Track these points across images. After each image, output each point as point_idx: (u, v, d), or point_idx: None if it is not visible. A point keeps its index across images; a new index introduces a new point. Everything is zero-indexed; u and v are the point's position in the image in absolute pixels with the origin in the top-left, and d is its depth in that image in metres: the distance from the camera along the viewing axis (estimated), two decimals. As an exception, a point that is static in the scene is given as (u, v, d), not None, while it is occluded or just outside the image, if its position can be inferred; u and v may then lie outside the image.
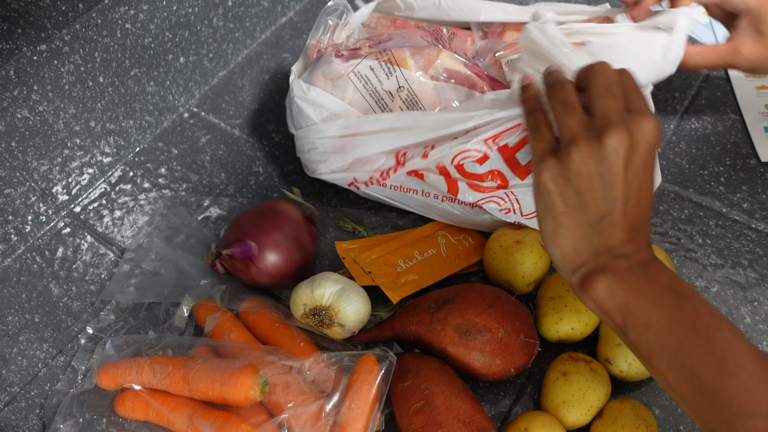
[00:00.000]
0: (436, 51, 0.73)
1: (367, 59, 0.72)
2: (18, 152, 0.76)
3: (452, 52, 0.74)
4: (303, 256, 0.71)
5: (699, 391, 0.44)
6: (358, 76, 0.71)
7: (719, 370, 0.44)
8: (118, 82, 0.84)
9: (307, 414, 0.61)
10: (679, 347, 0.45)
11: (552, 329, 0.67)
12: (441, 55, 0.72)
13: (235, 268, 0.71)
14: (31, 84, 0.74)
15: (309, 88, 0.72)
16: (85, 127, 0.82)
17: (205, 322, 0.71)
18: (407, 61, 0.71)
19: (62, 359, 0.72)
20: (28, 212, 0.80)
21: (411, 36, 0.78)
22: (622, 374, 0.65)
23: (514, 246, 0.70)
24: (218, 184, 0.86)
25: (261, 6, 0.99)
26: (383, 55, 0.72)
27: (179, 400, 0.64)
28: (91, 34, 0.78)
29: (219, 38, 0.95)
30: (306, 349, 0.67)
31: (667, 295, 0.47)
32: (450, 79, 0.72)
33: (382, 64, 0.71)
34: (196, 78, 0.95)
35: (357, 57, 0.73)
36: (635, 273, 0.49)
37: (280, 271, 0.70)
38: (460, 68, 0.72)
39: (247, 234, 0.70)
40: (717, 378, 0.44)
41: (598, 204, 0.50)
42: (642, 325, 0.47)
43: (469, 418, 0.59)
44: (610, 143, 0.49)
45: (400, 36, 0.78)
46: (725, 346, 0.44)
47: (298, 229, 0.70)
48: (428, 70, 0.72)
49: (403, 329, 0.67)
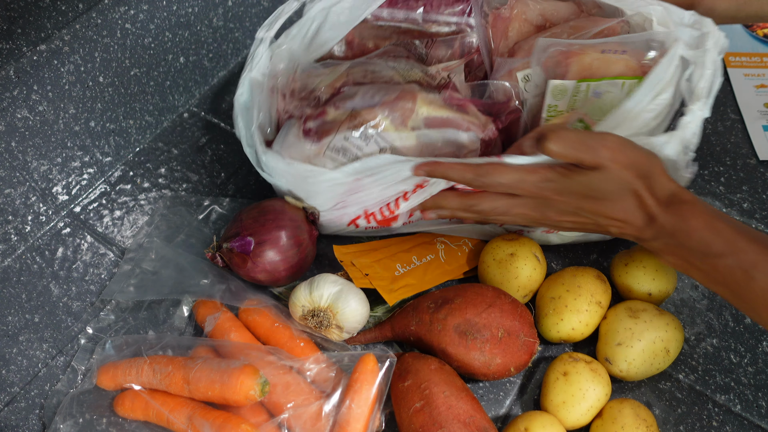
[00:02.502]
0: (411, 101, 0.67)
1: (340, 131, 0.67)
2: (18, 152, 0.76)
3: (428, 93, 0.69)
4: (301, 257, 0.71)
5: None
6: (335, 150, 0.68)
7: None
8: (118, 82, 0.84)
9: (307, 414, 0.61)
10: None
11: (553, 330, 0.67)
12: (418, 104, 0.68)
13: (233, 262, 0.71)
14: (31, 84, 0.74)
15: (290, 163, 0.68)
16: (85, 127, 0.82)
17: (204, 322, 0.71)
18: (382, 122, 0.67)
19: (62, 359, 0.72)
20: (28, 212, 0.80)
21: (377, 79, 0.71)
22: (621, 374, 0.65)
23: (508, 259, 0.70)
24: (218, 184, 0.86)
25: (261, 6, 0.99)
26: (355, 120, 0.67)
27: (179, 400, 0.64)
28: (91, 34, 0.78)
29: (219, 38, 0.95)
30: (306, 349, 0.67)
31: (702, 260, 0.57)
32: (431, 126, 0.68)
33: (357, 131, 0.67)
34: (196, 78, 0.95)
35: (328, 132, 0.68)
36: (669, 247, 0.58)
37: (276, 269, 0.70)
38: (440, 113, 0.68)
39: (247, 229, 0.70)
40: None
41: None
42: (698, 273, 0.58)
43: (469, 418, 0.59)
44: None
45: (363, 81, 0.70)
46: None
47: (298, 229, 0.70)
48: (407, 123, 0.68)
49: (403, 329, 0.67)
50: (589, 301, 0.67)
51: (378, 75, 0.72)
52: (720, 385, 0.67)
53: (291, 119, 0.72)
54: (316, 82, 0.73)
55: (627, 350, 0.65)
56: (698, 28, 0.67)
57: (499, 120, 0.71)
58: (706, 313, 0.72)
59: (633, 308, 0.67)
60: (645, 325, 0.65)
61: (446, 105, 0.69)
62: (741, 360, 0.69)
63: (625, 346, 0.65)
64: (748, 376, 0.68)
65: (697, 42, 0.66)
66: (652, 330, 0.65)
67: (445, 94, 0.70)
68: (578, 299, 0.67)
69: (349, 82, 0.72)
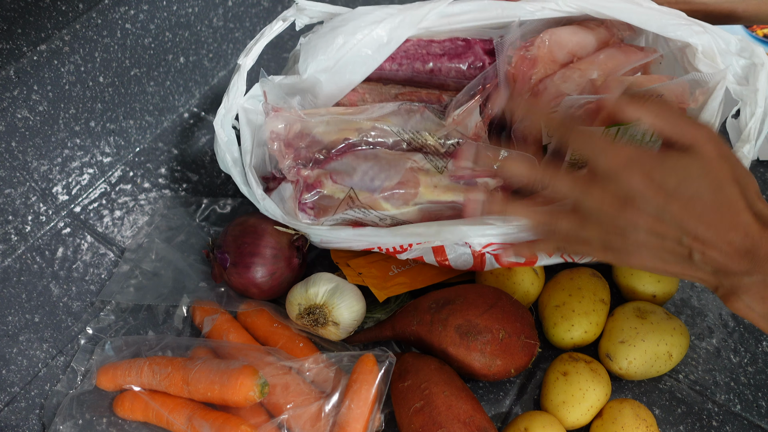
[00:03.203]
0: (414, 188, 0.63)
1: (338, 212, 0.65)
2: (18, 152, 0.76)
3: (432, 176, 0.63)
4: (273, 284, 0.70)
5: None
6: (335, 221, 0.67)
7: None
8: (118, 82, 0.84)
9: (306, 414, 0.61)
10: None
11: (566, 337, 0.67)
12: (420, 191, 0.63)
13: (214, 272, 0.73)
14: (31, 84, 0.74)
15: (292, 222, 0.67)
16: (85, 127, 0.82)
17: (203, 323, 0.71)
18: (382, 205, 0.64)
19: (62, 359, 0.72)
20: (28, 212, 0.80)
21: (380, 142, 0.64)
22: (621, 371, 0.65)
23: (505, 273, 0.70)
24: (218, 184, 0.86)
25: (261, 6, 0.99)
26: (353, 203, 0.64)
27: (178, 401, 0.64)
28: (91, 34, 0.78)
29: (219, 38, 0.95)
30: (305, 349, 0.67)
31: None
32: (435, 203, 0.65)
33: (356, 210, 0.65)
34: (196, 78, 0.95)
35: (326, 212, 0.65)
36: (760, 286, 0.47)
37: (247, 290, 0.70)
38: (445, 197, 0.64)
39: (227, 246, 0.70)
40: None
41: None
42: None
43: (469, 418, 0.59)
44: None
45: (365, 143, 0.63)
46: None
47: (274, 258, 0.69)
48: (409, 203, 0.64)
49: (403, 329, 0.67)
50: (594, 300, 0.67)
51: (383, 133, 0.66)
52: (720, 385, 0.67)
53: (286, 183, 0.68)
54: (314, 129, 0.67)
55: (629, 348, 0.64)
56: (747, 57, 0.62)
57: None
58: (706, 313, 0.72)
59: (642, 309, 0.67)
60: (651, 327, 0.65)
61: (453, 184, 0.64)
62: (741, 360, 0.69)
63: (627, 345, 0.65)
64: (748, 376, 0.68)
65: (745, 72, 0.61)
66: (658, 332, 0.64)
67: (452, 168, 0.64)
68: (583, 301, 0.67)
69: (349, 142, 0.66)
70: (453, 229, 0.61)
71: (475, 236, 0.61)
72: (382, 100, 0.71)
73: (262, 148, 0.71)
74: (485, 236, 0.61)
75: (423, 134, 0.63)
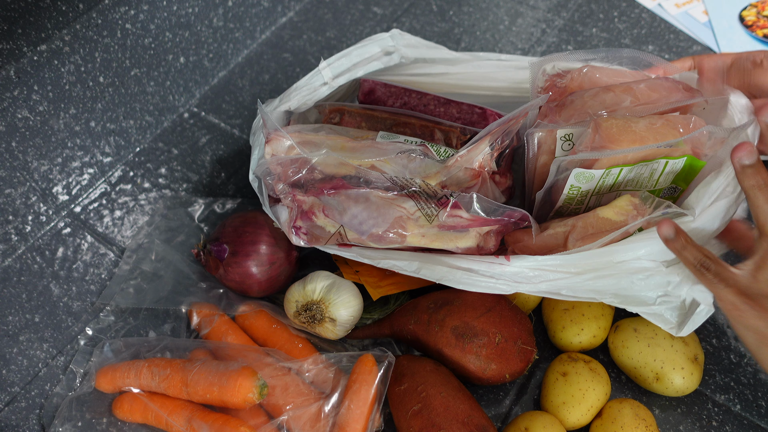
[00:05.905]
0: (401, 237, 0.62)
1: (329, 243, 0.65)
2: (18, 152, 0.76)
3: (421, 226, 0.62)
4: (272, 274, 0.71)
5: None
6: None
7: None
8: (119, 82, 0.84)
9: (306, 415, 0.61)
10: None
11: (574, 341, 0.67)
12: (408, 238, 0.62)
13: (208, 265, 0.72)
14: (32, 84, 0.74)
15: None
16: (85, 127, 0.82)
17: (201, 324, 0.71)
18: (370, 245, 0.64)
19: (62, 359, 0.72)
20: (28, 212, 0.80)
21: (375, 177, 0.62)
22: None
23: None
24: (218, 184, 0.86)
25: (261, 6, 0.99)
26: (343, 239, 0.64)
27: (178, 402, 0.64)
28: (91, 34, 0.78)
29: (219, 38, 0.95)
30: (304, 350, 0.67)
31: None
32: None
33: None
34: (196, 78, 0.95)
35: (317, 240, 0.65)
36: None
37: (245, 282, 0.70)
38: (432, 245, 0.63)
39: (225, 237, 0.71)
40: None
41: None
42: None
43: (467, 417, 0.59)
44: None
45: (359, 177, 0.63)
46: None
47: (274, 247, 0.70)
48: (395, 245, 0.64)
49: (401, 328, 0.67)
50: (602, 304, 0.67)
51: (379, 174, 0.63)
52: (720, 385, 0.67)
53: (282, 205, 0.68)
54: (313, 159, 0.65)
55: (632, 344, 0.65)
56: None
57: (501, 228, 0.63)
58: (706, 313, 0.72)
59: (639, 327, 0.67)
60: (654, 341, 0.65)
61: (441, 233, 0.62)
62: (741, 360, 0.69)
63: (632, 341, 0.65)
64: (748, 376, 0.68)
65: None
66: (659, 349, 0.64)
67: (442, 217, 0.61)
68: (593, 305, 0.67)
69: (344, 178, 0.64)
70: (433, 267, 0.61)
71: (455, 281, 0.60)
72: (378, 128, 0.72)
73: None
74: (461, 284, 0.60)
75: (418, 181, 0.62)
